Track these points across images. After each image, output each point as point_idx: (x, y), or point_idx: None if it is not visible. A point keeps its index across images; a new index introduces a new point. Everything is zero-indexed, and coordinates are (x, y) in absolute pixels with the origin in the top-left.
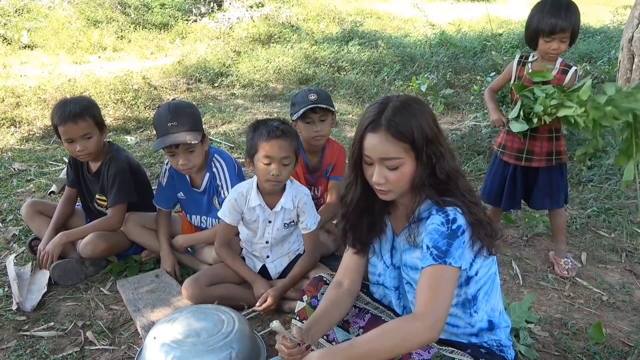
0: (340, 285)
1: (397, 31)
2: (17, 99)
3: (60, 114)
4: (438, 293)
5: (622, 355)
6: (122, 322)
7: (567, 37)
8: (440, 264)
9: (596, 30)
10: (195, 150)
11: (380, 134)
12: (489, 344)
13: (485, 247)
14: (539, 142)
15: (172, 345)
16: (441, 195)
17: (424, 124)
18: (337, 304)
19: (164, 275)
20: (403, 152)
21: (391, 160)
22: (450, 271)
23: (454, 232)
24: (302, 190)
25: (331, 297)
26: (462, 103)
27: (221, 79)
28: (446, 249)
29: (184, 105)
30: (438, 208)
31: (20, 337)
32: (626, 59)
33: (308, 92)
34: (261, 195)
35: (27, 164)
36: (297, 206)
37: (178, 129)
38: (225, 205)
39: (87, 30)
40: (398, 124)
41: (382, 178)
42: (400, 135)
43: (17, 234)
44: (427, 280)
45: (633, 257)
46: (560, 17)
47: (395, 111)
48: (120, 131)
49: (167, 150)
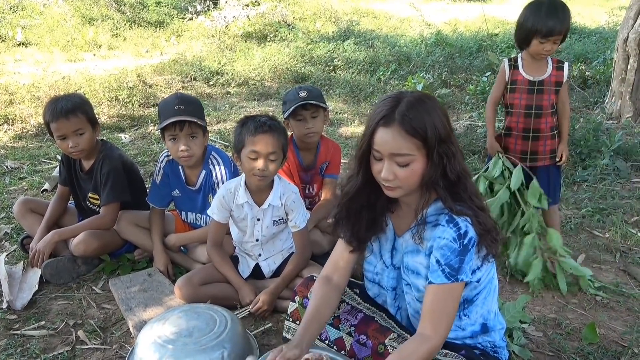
0: (329, 282)
1: (393, 30)
2: (10, 96)
3: (52, 110)
4: (446, 313)
5: (616, 355)
6: (114, 322)
7: (561, 38)
8: (452, 282)
9: (591, 31)
10: (197, 138)
11: (393, 129)
12: (483, 346)
13: (490, 254)
14: (542, 142)
15: (164, 344)
16: (453, 199)
17: (437, 121)
18: (328, 303)
19: (157, 274)
20: (415, 148)
21: (402, 156)
22: (460, 287)
23: (466, 247)
24: (290, 188)
25: (321, 295)
26: (457, 103)
27: (216, 78)
28: (459, 266)
29: (191, 96)
30: (449, 218)
31: (10, 336)
32: (621, 59)
33: (298, 90)
34: (249, 192)
35: (20, 162)
36: (285, 204)
37: (184, 113)
38: (214, 203)
39: (82, 27)
40: (412, 120)
41: (391, 174)
42: (414, 131)
43: (9, 232)
44: (435, 298)
45: (627, 257)
46: (558, 20)
47: (410, 106)
48: (115, 129)
49: (170, 133)
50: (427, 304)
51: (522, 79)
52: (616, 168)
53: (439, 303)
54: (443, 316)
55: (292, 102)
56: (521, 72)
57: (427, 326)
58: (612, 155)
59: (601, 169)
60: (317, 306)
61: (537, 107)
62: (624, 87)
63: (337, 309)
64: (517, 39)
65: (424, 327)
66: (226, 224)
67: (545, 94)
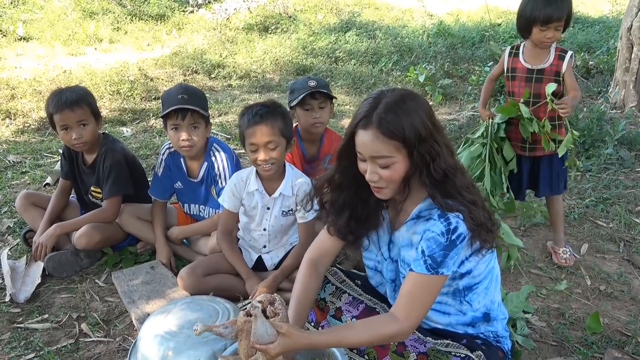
0: (315, 269)
1: (395, 21)
2: (12, 90)
3: (57, 102)
4: (420, 302)
5: (620, 344)
6: (117, 314)
7: (562, 25)
8: (432, 274)
9: (595, 20)
10: (199, 129)
11: (370, 132)
12: (485, 335)
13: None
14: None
15: (166, 336)
16: (443, 195)
17: (417, 122)
18: (310, 292)
19: (159, 267)
20: (394, 150)
21: (382, 158)
22: (440, 281)
23: (453, 243)
24: (304, 179)
25: (306, 286)
26: (460, 93)
27: (218, 70)
28: (441, 260)
29: (195, 87)
30: (441, 213)
31: (14, 329)
32: (625, 48)
33: (307, 80)
34: (260, 180)
35: (22, 156)
36: (297, 194)
37: (187, 102)
38: (225, 191)
39: (83, 21)
40: (389, 122)
41: (375, 175)
42: (391, 133)
43: (12, 226)
44: (413, 286)
45: (631, 246)
46: (556, 6)
47: (388, 108)
48: (116, 123)
49: (172, 122)
50: (404, 288)
51: (521, 67)
52: (620, 158)
53: (416, 292)
54: (417, 305)
55: (300, 90)
56: (521, 60)
57: (401, 311)
58: (615, 144)
59: (605, 159)
60: (299, 298)
61: (535, 96)
62: (627, 76)
63: (339, 300)
64: (519, 28)
65: (397, 311)
66: (236, 213)
67: (544, 83)
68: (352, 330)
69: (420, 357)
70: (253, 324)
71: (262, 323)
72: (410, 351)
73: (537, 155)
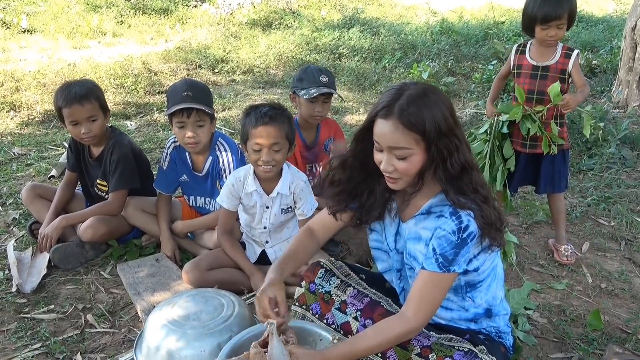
0: (312, 234)
1: (399, 18)
2: (16, 83)
3: (66, 96)
4: (431, 299)
5: (620, 341)
6: (122, 306)
7: (564, 23)
8: (443, 272)
9: (599, 19)
10: (205, 126)
11: (391, 122)
12: (487, 331)
13: (494, 245)
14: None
15: (172, 328)
16: (456, 192)
17: (438, 115)
18: (306, 249)
19: (164, 260)
20: (413, 142)
21: (400, 149)
22: (451, 278)
23: (464, 241)
24: (300, 176)
25: (301, 242)
26: (463, 91)
27: (221, 65)
28: (453, 258)
29: (200, 82)
30: (452, 211)
31: (20, 320)
32: (629, 47)
33: (319, 73)
34: (258, 180)
35: (26, 148)
36: (294, 192)
37: (192, 100)
38: (223, 190)
39: (87, 15)
40: (410, 114)
41: (390, 166)
42: (411, 125)
43: (17, 218)
44: (424, 285)
45: (632, 245)
46: (555, 5)
47: (410, 100)
48: (120, 116)
49: (177, 120)
50: (415, 286)
51: (526, 63)
52: (622, 157)
53: (427, 289)
54: (427, 302)
55: (311, 83)
56: (527, 57)
57: (411, 308)
58: (618, 144)
59: (607, 158)
60: (296, 249)
61: (539, 93)
62: (631, 75)
63: (344, 293)
64: (523, 27)
65: (407, 308)
66: (235, 212)
67: (549, 80)
68: (362, 338)
69: (424, 350)
70: (269, 343)
71: (278, 343)
72: (414, 344)
73: (537, 152)
